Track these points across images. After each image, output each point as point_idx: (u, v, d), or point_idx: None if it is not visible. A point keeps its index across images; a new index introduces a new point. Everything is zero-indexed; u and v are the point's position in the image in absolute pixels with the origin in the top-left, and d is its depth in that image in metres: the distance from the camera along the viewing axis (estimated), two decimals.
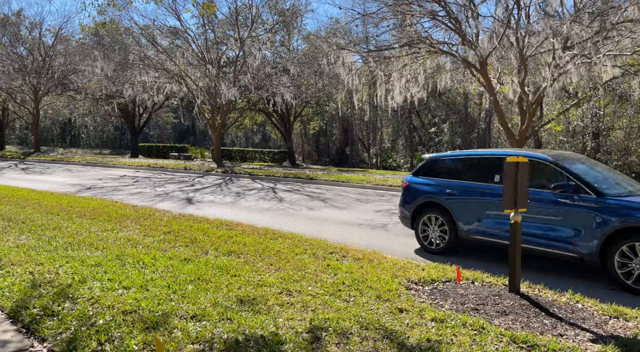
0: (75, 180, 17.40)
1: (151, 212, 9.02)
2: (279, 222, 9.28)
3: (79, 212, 8.66)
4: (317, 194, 14.30)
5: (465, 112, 35.86)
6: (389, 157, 43.13)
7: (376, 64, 15.52)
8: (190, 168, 22.19)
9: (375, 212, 10.86)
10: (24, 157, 28.23)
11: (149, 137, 72.49)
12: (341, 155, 50.36)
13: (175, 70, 21.89)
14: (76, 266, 4.80)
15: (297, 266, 5.11)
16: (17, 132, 72.85)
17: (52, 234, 6.49)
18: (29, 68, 28.99)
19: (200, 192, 14.44)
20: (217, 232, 7.12)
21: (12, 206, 8.98)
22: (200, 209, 10.98)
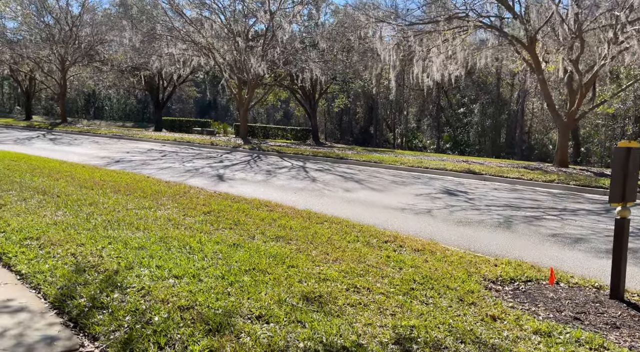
0: (103, 152, 17.27)
1: (186, 190, 8.68)
2: (317, 203, 8.85)
3: (112, 186, 8.37)
4: (350, 175, 13.80)
5: (497, 92, 34.52)
6: (415, 138, 42.14)
7: (415, 39, 14.71)
8: (216, 144, 21.88)
9: (415, 195, 10.33)
10: (51, 127, 28.37)
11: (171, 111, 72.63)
12: (365, 134, 49.49)
13: (203, 43, 21.34)
14: (119, 249, 4.46)
15: (355, 256, 4.67)
16: (43, 103, 73.80)
17: (89, 210, 6.18)
18: (56, 37, 28.81)
19: (230, 169, 14.10)
20: (259, 213, 6.73)
21: (45, 178, 8.75)
22: (233, 187, 10.63)
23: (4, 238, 4.62)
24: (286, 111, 70.54)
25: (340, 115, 52.80)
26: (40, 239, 4.64)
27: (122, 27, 24.20)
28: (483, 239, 6.53)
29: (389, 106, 47.94)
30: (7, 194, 6.87)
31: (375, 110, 46.63)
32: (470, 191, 11.24)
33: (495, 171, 13.39)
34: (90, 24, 29.53)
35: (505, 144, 33.63)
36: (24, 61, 31.11)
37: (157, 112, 41.99)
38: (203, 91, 68.23)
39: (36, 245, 4.47)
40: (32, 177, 8.81)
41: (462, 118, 41.13)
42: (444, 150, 39.60)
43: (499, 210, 8.89)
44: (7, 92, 77.35)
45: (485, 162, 16.41)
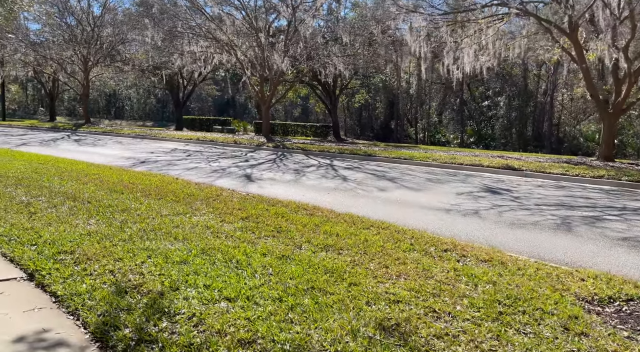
0: (128, 153, 17.09)
1: (218, 192, 8.29)
2: (353, 204, 8.37)
3: (142, 190, 8.03)
4: (382, 173, 13.27)
5: (523, 84, 33.38)
6: (438, 132, 41.22)
7: (447, 29, 14.04)
8: (240, 142, 21.56)
9: (456, 195, 9.75)
10: (75, 128, 28.50)
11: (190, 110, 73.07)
12: (385, 129, 48.65)
13: (225, 40, 21.00)
14: (160, 264, 4.05)
15: (418, 270, 4.18)
16: (66, 104, 74.98)
17: (122, 217, 5.82)
18: (78, 38, 28.90)
19: (257, 169, 13.71)
20: (299, 218, 6.29)
21: (74, 182, 8.47)
22: (263, 188, 10.22)
23: (37, 252, 4.27)
24: (304, 108, 70.09)
25: (359, 111, 52.08)
26: (74, 253, 4.27)
27: (143, 26, 24.04)
28: (544, 244, 5.96)
29: (410, 100, 47.03)
30: (36, 201, 6.58)
31: (396, 105, 45.76)
32: (513, 189, 10.60)
33: (535, 167, 12.69)
34: (111, 24, 29.54)
35: (533, 137, 32.54)
36: (48, 63, 31.34)
37: (178, 111, 42.03)
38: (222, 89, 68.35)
39: (71, 260, 4.10)
40: (61, 181, 8.54)
41: (486, 111, 40.04)
42: (468, 145, 38.63)
43: (551, 210, 8.26)
44: (31, 94, 78.84)
45: (522, 157, 15.69)
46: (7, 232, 4.89)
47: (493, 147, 36.37)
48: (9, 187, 7.56)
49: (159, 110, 78.85)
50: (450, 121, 45.04)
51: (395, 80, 41.26)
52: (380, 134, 47.70)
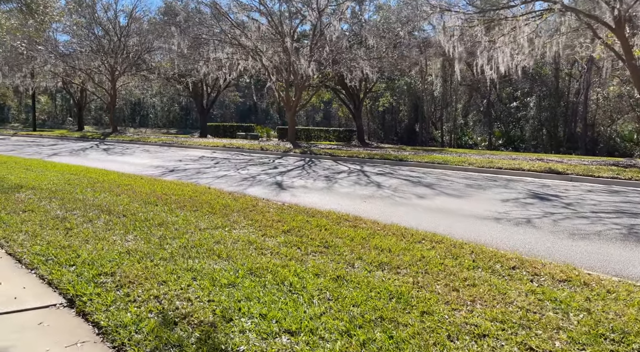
0: (156, 161, 17.03)
1: (253, 202, 7.97)
2: (394, 213, 7.94)
3: (176, 201, 7.78)
4: (417, 178, 12.78)
5: (555, 83, 32.26)
6: (464, 135, 40.26)
7: (481, 27, 13.48)
8: (267, 149, 21.34)
9: (502, 201, 9.20)
10: (103, 137, 28.85)
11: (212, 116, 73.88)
12: (410, 133, 47.87)
13: (250, 46, 20.87)
14: (208, 287, 3.71)
15: (493, 294, 3.72)
16: (93, 113, 76.73)
17: (160, 232, 5.53)
18: (106, 48, 29.32)
19: (286, 176, 13.40)
20: (344, 231, 5.90)
21: (107, 194, 8.28)
22: (296, 196, 9.88)
23: (76, 274, 3.99)
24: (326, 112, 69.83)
25: (383, 115, 51.43)
26: (115, 275, 3.98)
27: (168, 35, 24.17)
28: (617, 258, 5.40)
29: (434, 103, 46.19)
30: (72, 215, 6.36)
31: (420, 108, 44.98)
32: (562, 195, 9.98)
33: (581, 170, 11.99)
34: (137, 33, 29.87)
35: (566, 138, 31.38)
36: (76, 73, 31.90)
37: (202, 118, 42.28)
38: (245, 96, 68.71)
39: (112, 284, 3.80)
40: (94, 192, 8.37)
41: (514, 112, 38.91)
42: (496, 147, 37.60)
43: (611, 218, 7.65)
44: (59, 104, 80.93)
45: (563, 159, 14.95)
46: (44, 250, 4.64)
47: (523, 149, 35.28)
48: (44, 200, 7.39)
49: (182, 118, 79.94)
50: (476, 123, 43.99)
51: (420, 82, 40.59)
52: (404, 137, 46.97)
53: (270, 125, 62.59)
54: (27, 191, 8.23)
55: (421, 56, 24.42)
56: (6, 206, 6.82)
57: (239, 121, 70.04)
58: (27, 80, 32.76)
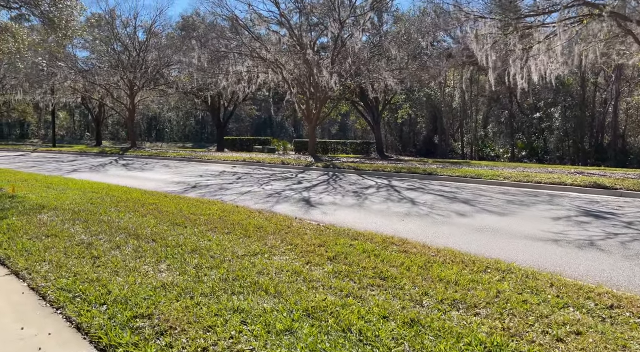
0: (177, 177, 16.64)
1: (287, 222, 7.44)
2: (437, 234, 7.33)
3: (206, 222, 7.27)
4: (451, 194, 12.12)
5: (582, 93, 31.33)
6: (486, 146, 39.38)
7: (515, 35, 12.89)
8: (287, 163, 20.88)
9: (553, 220, 8.50)
10: (122, 152, 28.75)
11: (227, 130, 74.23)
12: (429, 145, 47.10)
13: (270, 58, 20.56)
14: (262, 336, 3.15)
15: (607, 345, 3.09)
16: (110, 128, 77.66)
17: (195, 261, 5.01)
18: (125, 63, 29.40)
19: (312, 191, 12.85)
20: (395, 257, 5.32)
21: (132, 214, 7.82)
22: (327, 214, 9.32)
23: (108, 317, 3.46)
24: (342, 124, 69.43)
25: (400, 127, 50.79)
26: (152, 318, 3.44)
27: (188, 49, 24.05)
28: None
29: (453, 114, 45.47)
30: (97, 240, 5.89)
31: (440, 119, 44.27)
32: (617, 212, 9.23)
33: (630, 185, 11.21)
34: (156, 48, 29.92)
35: (594, 150, 30.34)
36: (95, 88, 32.04)
37: (219, 132, 42.17)
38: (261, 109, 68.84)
39: (150, 329, 3.25)
40: (118, 213, 7.92)
41: (536, 123, 37.98)
42: (519, 159, 36.66)
43: None
44: (77, 120, 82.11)
45: (606, 173, 14.14)
46: (70, 285, 4.14)
47: (547, 161, 34.27)
48: (67, 222, 6.95)
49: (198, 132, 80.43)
50: (496, 135, 43.07)
51: (439, 93, 39.97)
52: (423, 149, 46.22)
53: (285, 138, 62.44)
54: (49, 211, 7.81)
55: (442, 67, 23.83)
56: (28, 229, 6.38)
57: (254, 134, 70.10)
58: (47, 97, 33.01)
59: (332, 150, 40.71)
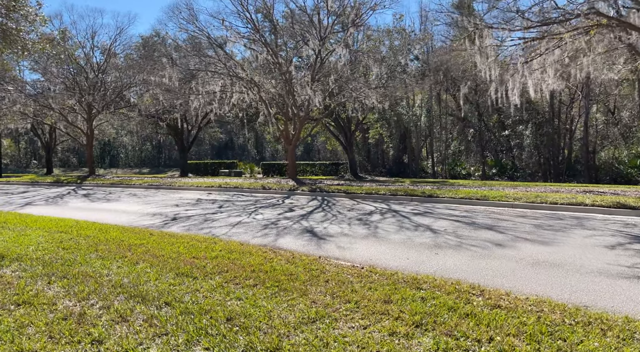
0: (150, 207, 14.85)
1: (315, 265, 6.20)
2: (488, 271, 6.33)
3: (218, 269, 5.86)
4: (467, 219, 11.17)
5: (550, 110, 31.94)
6: (457, 165, 39.43)
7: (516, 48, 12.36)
8: (269, 187, 19.45)
9: (607, 248, 7.63)
10: (80, 181, 26.23)
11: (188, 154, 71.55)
12: (399, 164, 46.86)
13: (247, 77, 19.30)
14: None
15: None
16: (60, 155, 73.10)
17: (241, 339, 3.62)
18: (82, 86, 27.16)
19: (312, 220, 11.55)
20: (492, 316, 4.18)
21: (121, 262, 6.26)
22: (344, 248, 8.12)
23: None
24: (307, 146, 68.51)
25: (368, 147, 50.44)
26: None
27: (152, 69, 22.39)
28: None
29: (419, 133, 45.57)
30: (90, 307, 4.35)
31: (409, 139, 44.20)
32: None
33: None
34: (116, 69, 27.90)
35: (566, 166, 30.82)
36: (47, 113, 29.43)
37: (183, 156, 40.08)
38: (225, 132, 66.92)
39: None
40: (103, 261, 6.33)
41: (504, 141, 38.53)
42: (490, 177, 36.87)
43: None
44: (23, 147, 76.87)
45: (617, 190, 13.72)
46: None
47: (518, 178, 34.58)
48: (39, 279, 5.32)
49: (155, 156, 77.09)
50: (463, 153, 43.43)
51: (408, 112, 39.90)
52: (393, 169, 45.88)
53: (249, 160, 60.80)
54: (12, 263, 6.11)
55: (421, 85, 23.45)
56: None
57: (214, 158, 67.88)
58: None
59: (302, 172, 39.50)
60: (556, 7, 12.05)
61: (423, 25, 38.81)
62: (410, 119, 41.64)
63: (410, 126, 42.96)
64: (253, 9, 18.73)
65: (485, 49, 11.55)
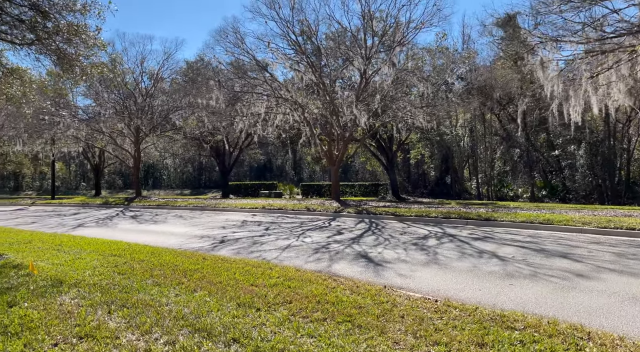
0: (197, 229, 14.76)
1: (384, 296, 5.72)
2: (584, 308, 5.59)
3: (281, 299, 5.47)
4: (533, 244, 10.35)
5: (606, 129, 30.25)
6: (504, 186, 37.86)
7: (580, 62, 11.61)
8: (313, 209, 19.10)
9: None
10: (127, 203, 26.84)
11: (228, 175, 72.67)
12: (440, 185, 45.59)
13: (291, 98, 19.27)
14: None
15: None
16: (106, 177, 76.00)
17: None
18: (131, 110, 28.09)
19: (363, 244, 11.03)
20: None
21: (178, 289, 5.97)
22: (406, 276, 7.58)
23: None
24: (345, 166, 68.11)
25: (408, 167, 49.51)
26: None
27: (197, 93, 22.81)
28: None
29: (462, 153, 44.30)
30: (154, 343, 4.02)
31: (451, 159, 43.03)
32: None
33: None
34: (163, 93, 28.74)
35: (625, 188, 28.91)
36: (98, 136, 30.54)
37: (224, 178, 40.60)
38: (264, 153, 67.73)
39: None
40: (160, 288, 6.07)
41: (553, 161, 36.77)
42: (540, 199, 35.13)
43: None
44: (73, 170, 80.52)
45: None
46: None
47: (570, 200, 32.73)
48: (99, 308, 5.08)
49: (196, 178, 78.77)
50: (512, 173, 41.75)
51: (451, 131, 38.96)
52: (435, 190, 44.65)
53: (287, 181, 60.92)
54: (70, 290, 5.94)
55: (460, 104, 22.73)
56: (50, 326, 4.49)
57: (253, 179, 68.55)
58: (47, 147, 31.41)
59: (341, 193, 39.01)
60: (621, 21, 11.29)
61: (465, 44, 38.21)
62: (453, 139, 40.67)
63: (453, 146, 41.90)
64: (298, 30, 18.83)
65: (546, 63, 10.89)
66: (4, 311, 4.88)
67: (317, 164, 65.90)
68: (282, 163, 78.40)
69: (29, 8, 8.27)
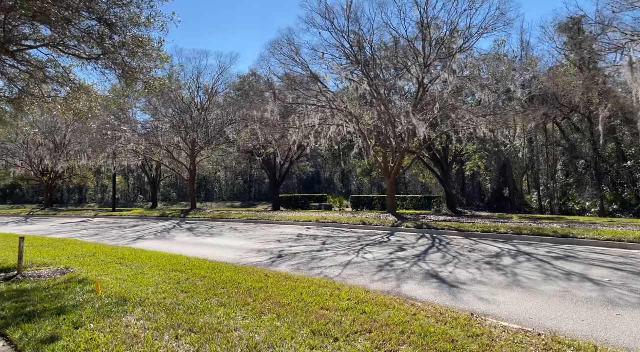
0: (253, 243, 14.49)
1: (483, 332, 4.98)
2: None
3: (358, 327, 4.90)
4: (629, 266, 9.18)
5: None
6: (569, 200, 35.36)
7: None
8: (369, 222, 18.43)
9: None
10: (183, 215, 27.31)
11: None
12: (498, 198, 43.41)
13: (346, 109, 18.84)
14: None
15: None
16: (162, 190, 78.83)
17: None
18: (187, 124, 28.80)
19: (430, 262, 10.24)
20: None
21: (245, 312, 5.55)
22: (488, 302, 6.80)
23: None
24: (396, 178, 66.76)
25: (463, 179, 47.64)
26: None
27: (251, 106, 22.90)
28: None
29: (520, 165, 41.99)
30: None
31: (509, 171, 40.88)
32: None
33: None
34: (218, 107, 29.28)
35: None
36: (156, 150, 31.52)
37: (275, 191, 40.70)
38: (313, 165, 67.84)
39: None
40: (225, 309, 5.67)
41: (629, 173, 33.96)
42: (611, 214, 32.48)
43: None
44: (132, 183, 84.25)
45: None
46: None
47: None
48: (166, 332, 4.72)
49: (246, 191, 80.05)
50: (577, 186, 39.03)
51: (510, 142, 37.07)
52: (493, 203, 42.58)
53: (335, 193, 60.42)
54: (135, 309, 5.66)
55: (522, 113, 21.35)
56: None
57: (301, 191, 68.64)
58: (109, 161, 32.81)
59: None
60: None
61: (524, 51, 36.40)
62: (512, 150, 38.68)
63: (512, 157, 39.85)
64: (354, 40, 18.44)
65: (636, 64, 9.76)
66: (70, 334, 4.63)
67: (366, 177, 65.01)
68: (331, 175, 78.19)
69: (97, 21, 8.34)
